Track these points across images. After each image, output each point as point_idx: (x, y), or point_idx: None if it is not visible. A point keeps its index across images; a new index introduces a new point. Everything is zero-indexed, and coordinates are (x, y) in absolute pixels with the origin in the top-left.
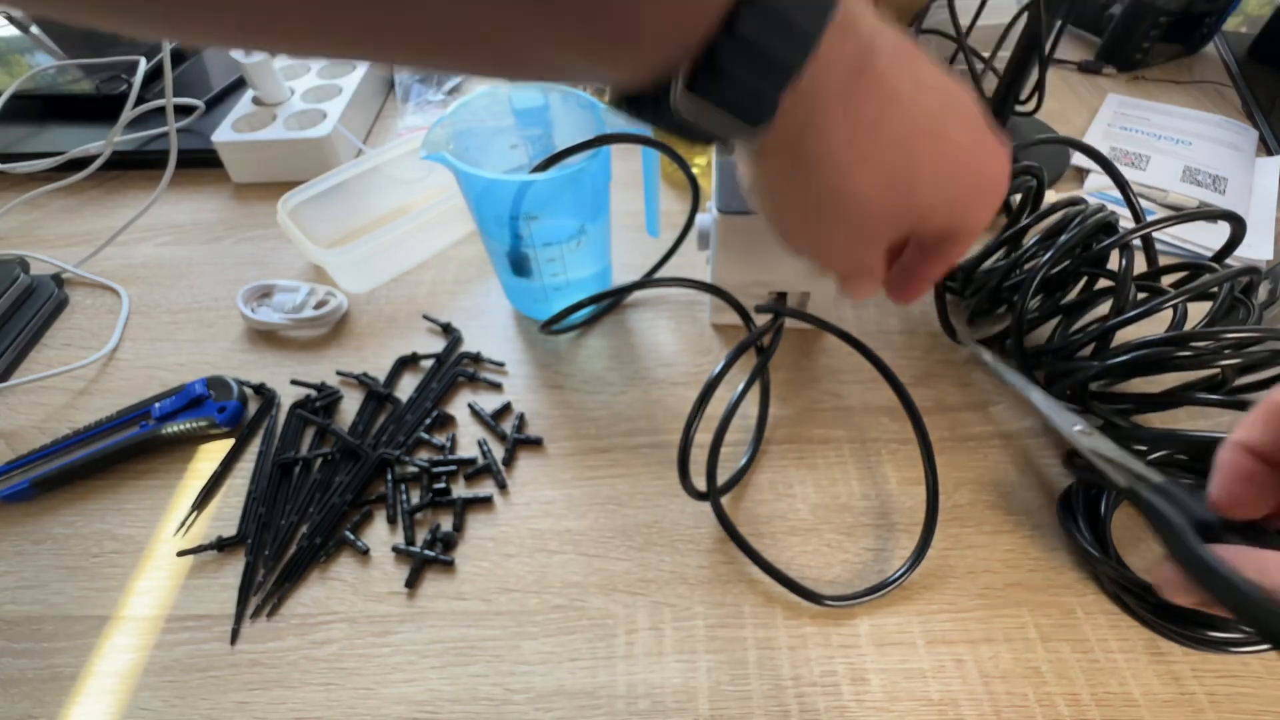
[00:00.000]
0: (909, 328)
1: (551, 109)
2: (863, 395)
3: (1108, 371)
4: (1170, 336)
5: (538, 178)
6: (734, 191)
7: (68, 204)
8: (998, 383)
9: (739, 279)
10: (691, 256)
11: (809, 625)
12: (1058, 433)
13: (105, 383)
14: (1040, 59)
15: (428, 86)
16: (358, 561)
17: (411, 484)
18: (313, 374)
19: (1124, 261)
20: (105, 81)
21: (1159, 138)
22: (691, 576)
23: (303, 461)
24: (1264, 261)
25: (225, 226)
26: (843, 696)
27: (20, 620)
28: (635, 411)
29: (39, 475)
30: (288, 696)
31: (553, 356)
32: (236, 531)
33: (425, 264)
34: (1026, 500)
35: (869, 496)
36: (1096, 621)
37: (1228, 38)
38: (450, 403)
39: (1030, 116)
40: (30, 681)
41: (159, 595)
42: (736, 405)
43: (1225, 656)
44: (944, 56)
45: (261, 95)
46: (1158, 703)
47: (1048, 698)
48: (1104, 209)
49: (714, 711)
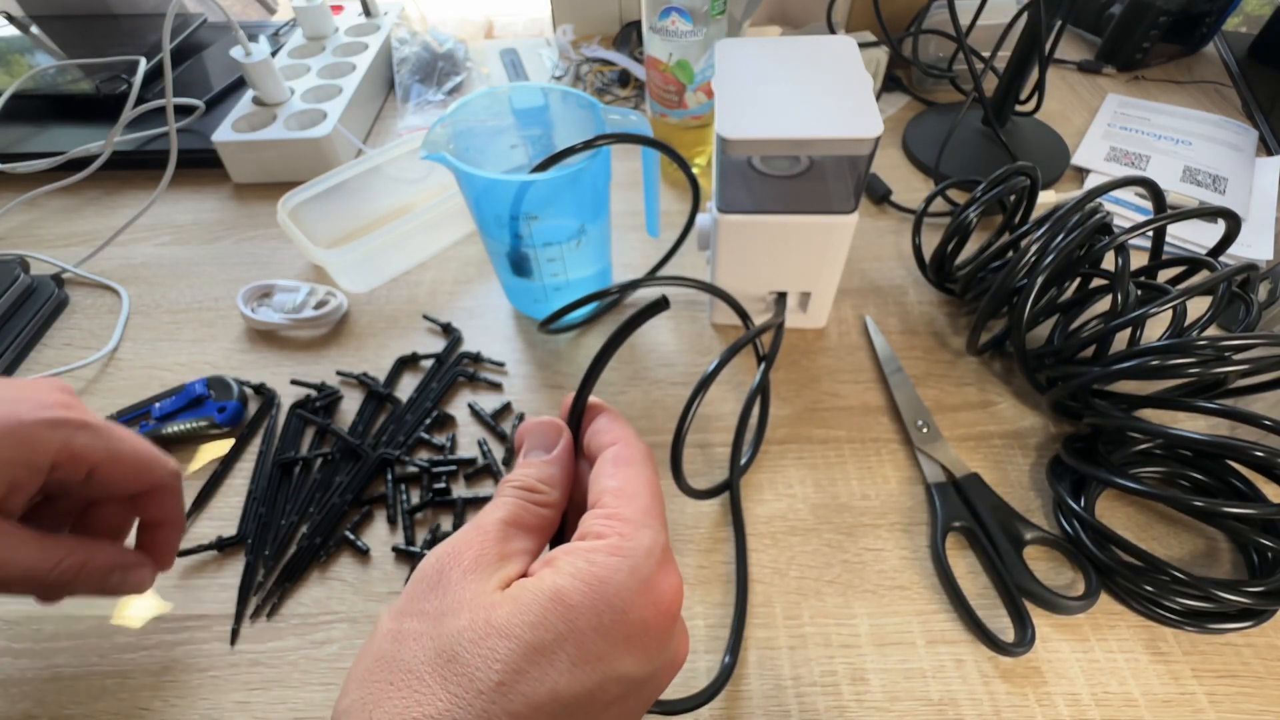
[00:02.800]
0: (909, 328)
1: (551, 109)
2: (863, 395)
3: (1109, 378)
4: (1170, 344)
5: (538, 178)
6: (734, 192)
7: (68, 204)
8: (998, 383)
9: (739, 279)
10: (691, 256)
11: (809, 625)
12: (1058, 433)
13: (105, 383)
14: (1040, 59)
15: (428, 86)
16: (358, 561)
17: (411, 484)
18: (313, 374)
19: (1120, 262)
20: (105, 81)
21: (1159, 138)
22: (691, 576)
23: (303, 461)
24: (1264, 261)
25: (225, 226)
26: (843, 696)
27: (20, 620)
28: (635, 411)
29: None
30: (288, 696)
31: (553, 356)
32: (236, 532)
33: (425, 264)
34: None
35: (869, 496)
36: (1096, 621)
37: (1228, 38)
38: (450, 403)
39: (1030, 116)
40: (30, 681)
41: (159, 595)
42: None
43: (1225, 657)
44: (944, 56)
45: (262, 95)
46: (1158, 703)
47: (1048, 698)
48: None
49: (714, 711)
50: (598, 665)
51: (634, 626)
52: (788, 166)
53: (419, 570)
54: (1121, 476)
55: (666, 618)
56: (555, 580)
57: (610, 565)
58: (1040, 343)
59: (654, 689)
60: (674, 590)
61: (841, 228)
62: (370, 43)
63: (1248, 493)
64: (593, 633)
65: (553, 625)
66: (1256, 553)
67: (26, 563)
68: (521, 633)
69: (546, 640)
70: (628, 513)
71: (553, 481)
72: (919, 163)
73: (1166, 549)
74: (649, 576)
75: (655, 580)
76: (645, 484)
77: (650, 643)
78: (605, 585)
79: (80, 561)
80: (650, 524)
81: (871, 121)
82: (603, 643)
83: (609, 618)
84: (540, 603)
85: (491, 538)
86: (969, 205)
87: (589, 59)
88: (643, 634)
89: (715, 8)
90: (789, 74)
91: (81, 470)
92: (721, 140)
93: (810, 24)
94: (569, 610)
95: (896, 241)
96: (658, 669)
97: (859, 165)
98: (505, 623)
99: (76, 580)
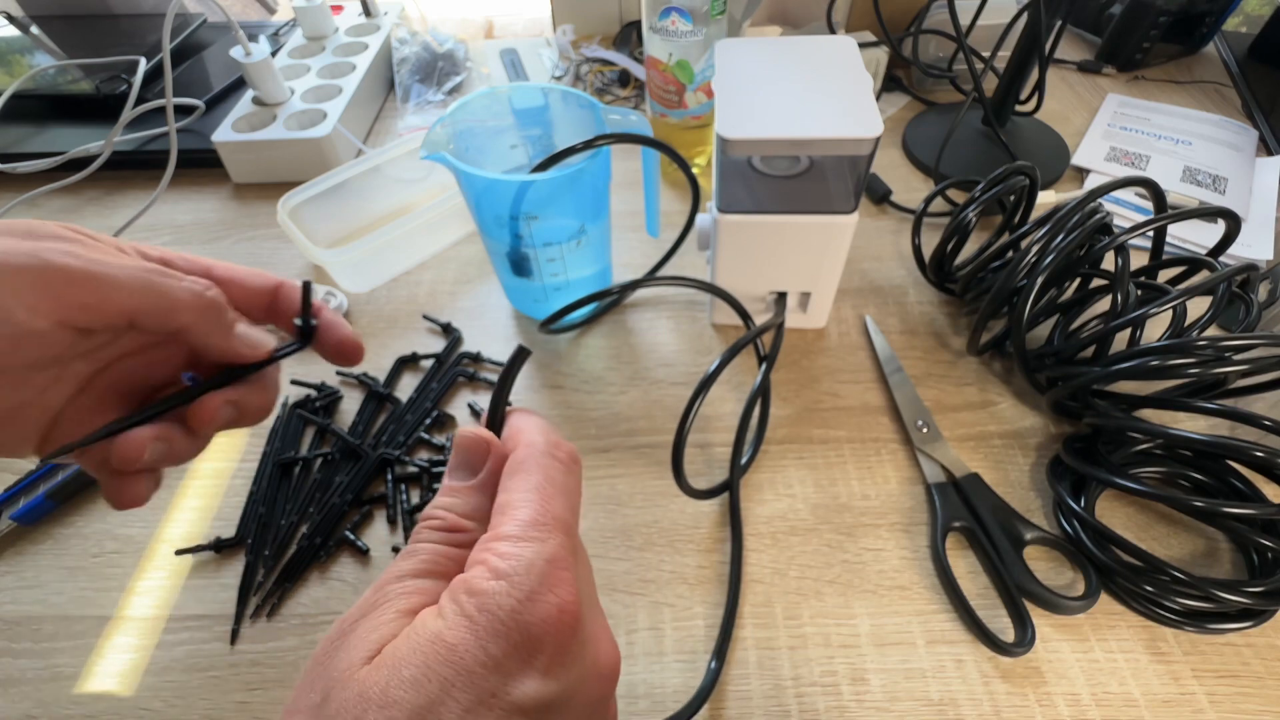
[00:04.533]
0: (909, 328)
1: (551, 109)
2: (863, 395)
3: (1109, 379)
4: (1170, 345)
5: (538, 178)
6: (734, 192)
7: (68, 204)
8: (998, 383)
9: (739, 279)
10: (691, 256)
11: (809, 625)
12: (1058, 433)
13: None
14: (1040, 59)
15: (428, 86)
16: (358, 561)
17: (411, 484)
18: (313, 374)
19: (1120, 262)
20: (105, 81)
21: (1159, 138)
22: (691, 576)
23: (303, 461)
24: (1264, 261)
25: (225, 226)
26: (843, 696)
27: (20, 620)
28: (635, 411)
29: (53, 486)
30: (287, 696)
31: (553, 356)
32: (236, 532)
33: (425, 264)
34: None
35: (869, 496)
36: (1096, 621)
37: (1228, 38)
38: (450, 403)
39: (1030, 116)
40: (30, 681)
41: (159, 595)
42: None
43: (1225, 657)
44: (944, 56)
45: (262, 95)
46: (1158, 703)
47: (1048, 698)
48: (1101, 209)
49: (714, 711)
50: (493, 702)
51: (523, 647)
52: (788, 166)
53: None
54: (1121, 476)
55: (560, 628)
56: (432, 625)
57: (488, 590)
58: (1040, 343)
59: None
60: (563, 598)
61: (841, 228)
62: (370, 43)
63: (1248, 493)
64: (480, 668)
65: (437, 673)
66: (1256, 553)
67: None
68: (401, 695)
69: (433, 694)
70: (509, 528)
71: (478, 514)
72: (919, 163)
73: (1166, 549)
74: (532, 590)
75: (539, 593)
76: (531, 491)
77: (548, 658)
78: (484, 613)
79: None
80: (535, 535)
81: (871, 121)
82: (494, 675)
83: (495, 646)
84: (419, 653)
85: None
86: (968, 205)
87: (589, 59)
88: (534, 651)
89: (715, 8)
90: (789, 74)
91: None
92: (721, 140)
93: (810, 24)
94: (451, 651)
95: (896, 241)
96: (571, 684)
97: (859, 165)
98: (381, 691)
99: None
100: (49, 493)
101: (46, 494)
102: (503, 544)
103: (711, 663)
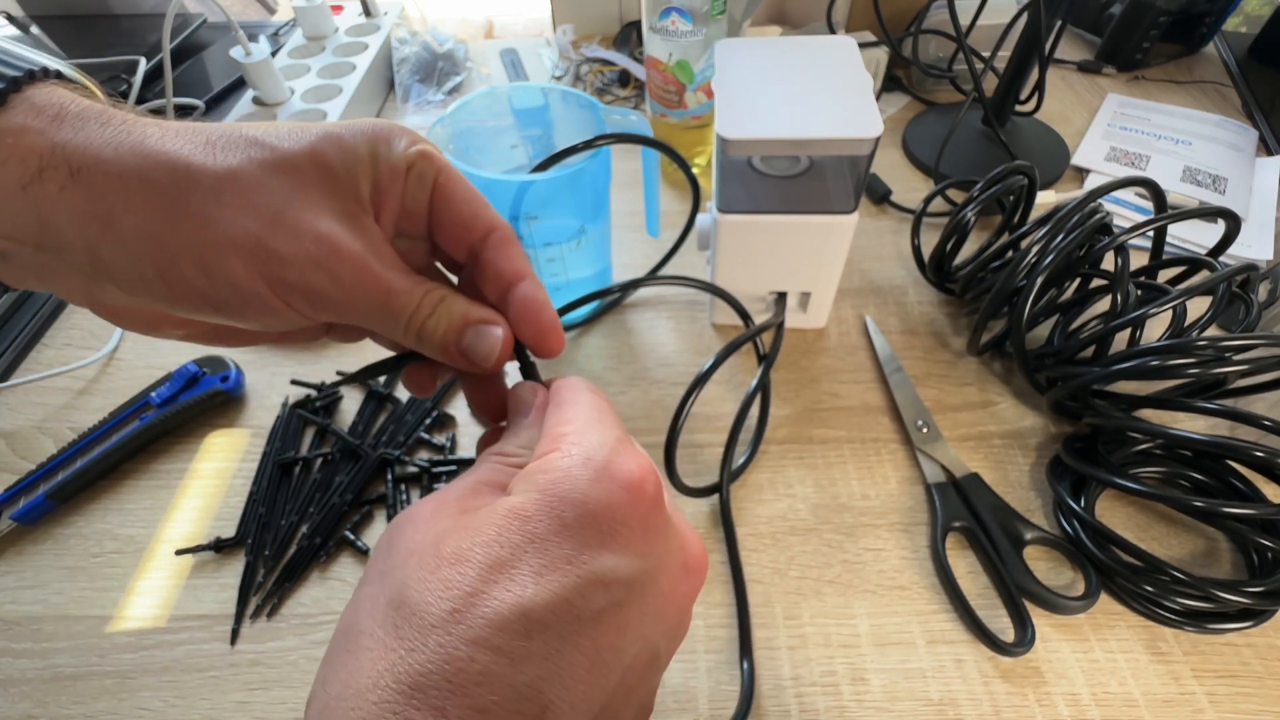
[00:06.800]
0: (909, 328)
1: (551, 109)
2: (863, 395)
3: (1109, 379)
4: (1170, 345)
5: (538, 178)
6: (734, 192)
7: None
8: (998, 383)
9: (739, 279)
10: (691, 256)
11: (809, 625)
12: (1058, 433)
13: (105, 382)
14: (1040, 59)
15: (428, 86)
16: (358, 561)
17: (411, 484)
18: (313, 374)
19: (1120, 262)
20: (105, 81)
21: (1159, 138)
22: None
23: (303, 461)
24: (1264, 261)
25: None
26: (843, 696)
27: (20, 620)
28: (635, 411)
29: (53, 486)
30: (288, 696)
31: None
32: (236, 532)
33: None
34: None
35: (869, 496)
36: (1096, 621)
37: (1228, 38)
38: (450, 403)
39: (1030, 116)
40: (30, 681)
41: (159, 595)
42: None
43: (1225, 657)
44: (944, 56)
45: (262, 95)
46: (1158, 703)
47: (1048, 698)
48: (1101, 209)
49: (714, 711)
50: (568, 568)
51: (602, 518)
52: (788, 166)
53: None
54: (1121, 476)
55: (640, 500)
56: (509, 500)
57: (560, 465)
58: (1040, 343)
59: (659, 596)
60: (640, 469)
61: (841, 228)
62: (370, 43)
63: (1248, 493)
64: (555, 535)
65: (509, 540)
66: (1256, 553)
67: (392, 282)
68: (474, 554)
69: (503, 555)
70: (570, 428)
71: (530, 444)
72: (919, 163)
73: (1166, 549)
74: (606, 462)
75: (614, 464)
76: (583, 406)
77: (630, 533)
78: (559, 485)
79: (442, 296)
80: (596, 427)
81: (871, 121)
82: (569, 543)
83: (571, 514)
84: (495, 522)
85: (453, 495)
86: (966, 205)
87: (589, 59)
88: (616, 523)
89: (715, 8)
90: (789, 74)
91: (425, 191)
92: (721, 140)
93: (810, 24)
94: (526, 521)
95: (896, 241)
96: (652, 566)
97: (859, 165)
98: (456, 551)
99: (434, 322)
100: (49, 493)
101: (46, 494)
102: (569, 435)
103: (743, 663)
